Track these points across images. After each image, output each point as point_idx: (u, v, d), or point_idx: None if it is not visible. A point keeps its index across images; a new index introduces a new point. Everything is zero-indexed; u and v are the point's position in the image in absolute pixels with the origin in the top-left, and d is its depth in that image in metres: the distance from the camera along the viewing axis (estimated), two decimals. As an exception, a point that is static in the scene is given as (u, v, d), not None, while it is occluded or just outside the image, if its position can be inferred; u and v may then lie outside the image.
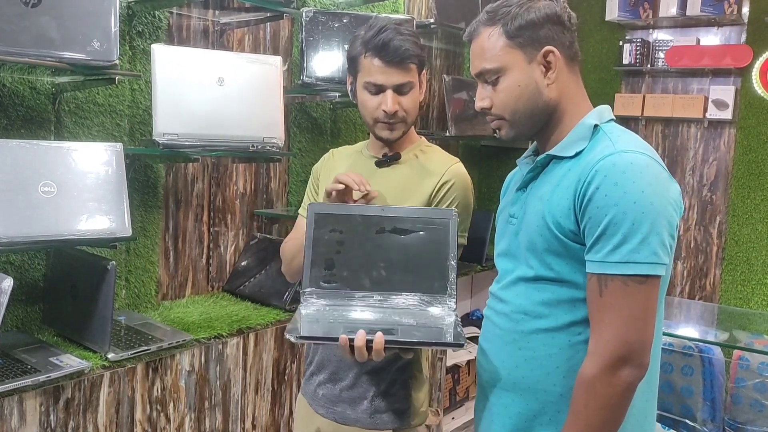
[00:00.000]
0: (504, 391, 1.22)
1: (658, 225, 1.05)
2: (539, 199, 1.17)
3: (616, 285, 1.06)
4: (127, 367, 1.69)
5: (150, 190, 2.09)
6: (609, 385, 1.06)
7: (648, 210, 1.05)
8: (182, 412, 1.83)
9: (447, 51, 3.23)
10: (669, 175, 1.12)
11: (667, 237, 1.07)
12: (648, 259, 1.05)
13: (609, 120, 1.20)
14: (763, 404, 2.11)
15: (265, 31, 2.38)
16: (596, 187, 1.07)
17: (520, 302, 1.19)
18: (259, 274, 2.30)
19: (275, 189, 2.50)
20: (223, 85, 1.89)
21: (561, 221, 1.11)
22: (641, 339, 1.06)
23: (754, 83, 2.99)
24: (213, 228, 2.31)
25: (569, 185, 1.11)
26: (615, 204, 1.05)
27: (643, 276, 1.05)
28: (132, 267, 2.06)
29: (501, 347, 1.22)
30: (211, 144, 1.91)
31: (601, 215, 1.06)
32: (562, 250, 1.12)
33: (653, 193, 1.05)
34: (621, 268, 1.05)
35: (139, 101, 2.01)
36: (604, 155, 1.09)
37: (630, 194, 1.05)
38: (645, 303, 1.06)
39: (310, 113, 2.56)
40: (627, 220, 1.04)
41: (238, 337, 1.95)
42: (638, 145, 1.12)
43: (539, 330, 1.16)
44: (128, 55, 1.96)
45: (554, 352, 1.15)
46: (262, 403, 2.06)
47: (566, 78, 1.18)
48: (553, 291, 1.15)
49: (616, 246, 1.05)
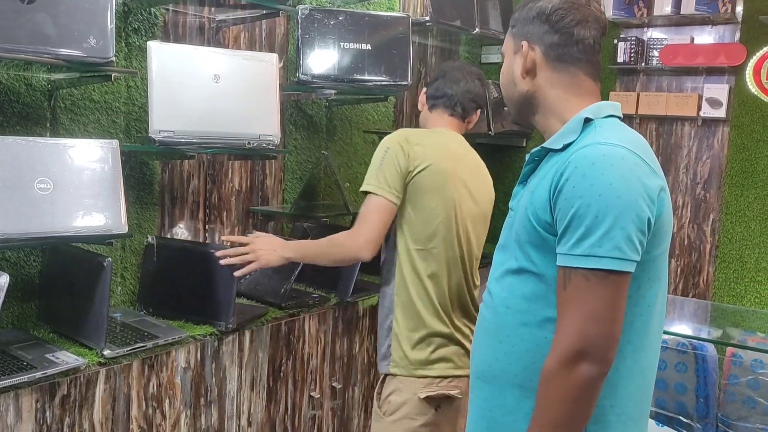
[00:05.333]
0: (485, 383, 1.22)
1: (624, 219, 1.02)
2: (529, 192, 1.18)
3: (579, 279, 1.05)
4: (122, 363, 1.69)
5: (146, 187, 2.09)
6: (566, 379, 1.05)
7: (614, 203, 1.02)
8: (178, 409, 1.83)
9: (442, 48, 3.23)
10: (651, 169, 1.09)
11: (636, 232, 1.04)
12: (610, 253, 1.02)
13: (608, 116, 1.19)
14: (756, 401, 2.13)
15: (261, 28, 2.38)
16: (566, 179, 1.07)
17: (504, 295, 1.20)
18: (255, 271, 2.30)
19: (271, 186, 2.50)
20: (219, 82, 1.89)
21: (539, 213, 1.12)
22: (602, 334, 1.04)
23: (748, 82, 3.01)
24: (208, 225, 2.31)
25: (550, 178, 1.11)
26: (580, 196, 1.04)
27: (605, 271, 1.03)
28: (128, 264, 2.06)
29: (485, 339, 1.23)
30: (206, 141, 1.91)
31: (568, 207, 1.06)
32: (541, 242, 1.12)
33: (622, 186, 1.03)
34: (582, 261, 1.04)
35: (135, 98, 2.01)
36: (580, 147, 1.10)
37: (596, 186, 1.04)
38: (607, 299, 1.04)
39: (306, 111, 2.57)
40: (590, 213, 1.03)
41: (234, 335, 1.96)
42: (621, 139, 1.10)
43: (519, 324, 1.17)
44: (124, 52, 1.96)
45: (531, 348, 1.15)
46: (257, 400, 2.06)
47: (547, 76, 1.21)
48: (533, 285, 1.15)
49: (579, 239, 1.04)
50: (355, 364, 2.41)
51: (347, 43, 2.25)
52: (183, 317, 1.95)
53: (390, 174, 1.78)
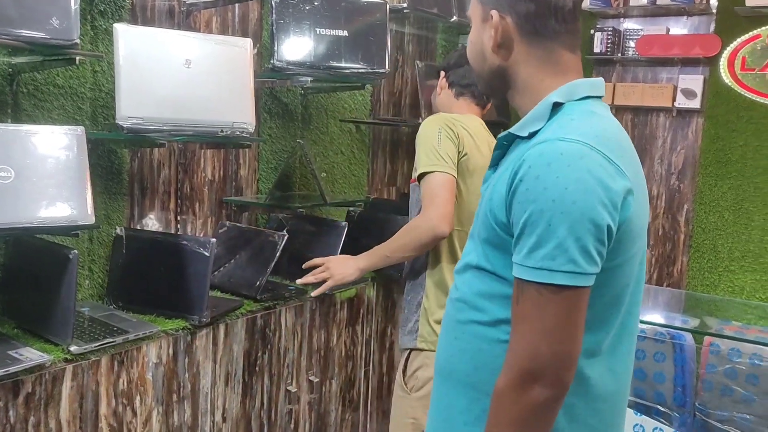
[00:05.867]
0: (441, 379, 1.16)
1: (580, 228, 0.91)
2: (492, 184, 1.08)
3: (531, 293, 0.95)
4: (91, 360, 1.62)
5: (114, 177, 2.01)
6: (516, 402, 0.96)
7: (568, 210, 0.91)
8: (149, 406, 1.77)
9: (420, 36, 3.19)
10: (617, 169, 0.96)
11: (593, 242, 0.93)
12: (564, 267, 0.92)
13: (585, 97, 1.07)
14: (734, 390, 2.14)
15: (234, 12, 2.31)
16: (520, 179, 0.96)
17: (463, 290, 1.12)
18: (229, 263, 2.25)
19: (245, 176, 2.44)
20: (191, 67, 1.82)
21: (496, 212, 1.02)
22: (556, 354, 0.94)
23: (722, 73, 3.02)
24: (180, 216, 2.24)
25: (509, 173, 1.00)
26: (533, 200, 0.94)
27: (558, 286, 0.93)
28: (95, 256, 1.99)
29: (444, 334, 1.17)
30: (178, 129, 1.84)
31: (521, 212, 0.96)
32: (498, 241, 1.03)
33: (579, 190, 0.92)
34: (534, 274, 0.94)
35: (101, 84, 1.93)
36: (538, 142, 0.99)
37: (550, 190, 0.92)
38: (561, 316, 0.94)
39: (281, 99, 2.51)
40: (543, 220, 0.92)
41: (208, 329, 1.90)
42: (586, 132, 0.97)
43: (472, 322, 1.09)
44: (90, 36, 1.88)
45: (484, 348, 1.07)
46: (232, 396, 2.01)
47: (521, 49, 1.08)
48: (489, 284, 1.07)
49: (531, 249, 0.94)
50: (333, 357, 2.37)
51: (323, 29, 2.19)
52: (154, 311, 1.89)
53: (449, 151, 1.84)
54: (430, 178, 1.83)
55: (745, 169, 3.05)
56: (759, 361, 2.08)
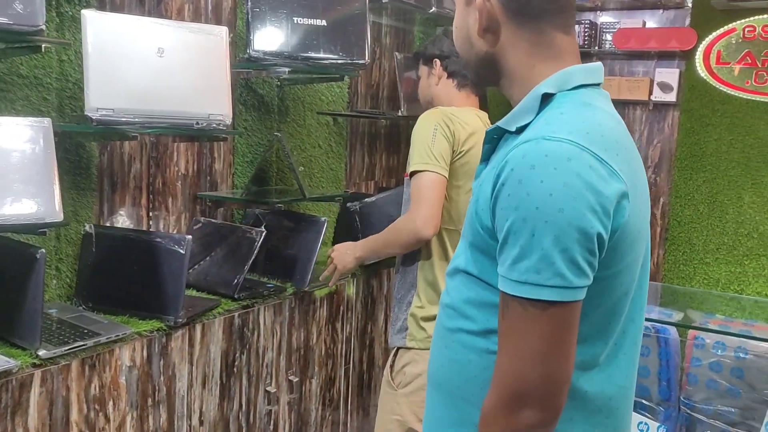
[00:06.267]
0: (433, 389, 1.09)
1: (567, 238, 0.82)
2: (479, 182, 0.99)
3: (516, 308, 0.86)
4: (60, 364, 1.54)
5: (82, 171, 1.92)
6: (505, 426, 0.88)
7: (554, 218, 0.82)
8: (123, 411, 1.69)
9: (397, 28, 3.13)
10: (610, 171, 0.86)
11: (582, 253, 0.84)
12: (550, 281, 0.83)
13: (578, 86, 0.97)
14: (718, 383, 2.14)
15: (207, 0, 2.22)
16: (502, 183, 0.87)
17: (453, 296, 1.04)
18: (204, 260, 2.17)
19: (219, 170, 2.36)
20: (164, 56, 1.74)
21: (482, 215, 0.93)
22: (544, 376, 0.86)
23: (698, 66, 3.03)
24: (152, 212, 2.15)
25: (495, 173, 0.91)
26: (515, 207, 0.85)
27: (545, 302, 0.84)
28: (63, 255, 1.90)
29: (435, 341, 1.09)
30: (150, 121, 1.75)
31: (503, 220, 0.87)
32: (484, 246, 0.95)
33: (566, 196, 0.82)
34: (518, 288, 0.85)
35: (68, 73, 1.83)
36: (522, 141, 0.89)
37: (534, 196, 0.83)
38: (549, 334, 0.85)
39: (256, 90, 2.43)
40: (526, 230, 0.84)
41: (184, 329, 1.82)
42: (576, 129, 0.88)
43: (461, 330, 1.01)
44: (55, 23, 1.78)
45: (473, 359, 0.99)
46: (209, 398, 1.94)
47: (508, 33, 0.98)
48: (476, 290, 0.99)
49: (515, 261, 0.85)
50: (313, 356, 2.31)
51: (301, 19, 2.12)
52: (127, 312, 1.81)
53: (442, 150, 1.80)
54: (419, 177, 1.80)
55: (720, 163, 3.07)
56: (744, 354, 2.08)
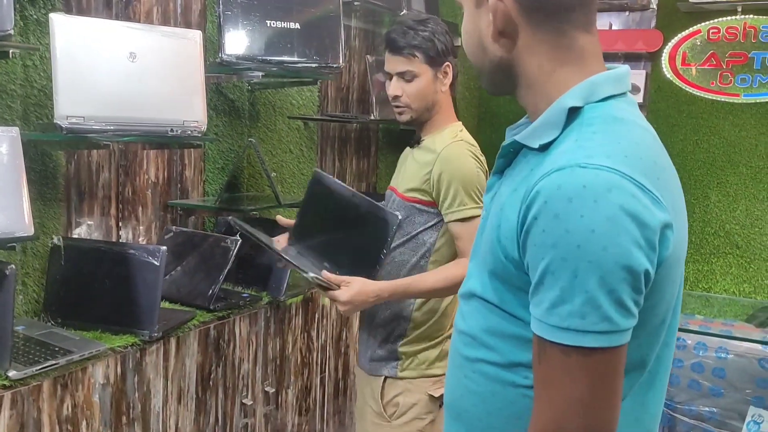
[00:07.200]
0: (452, 418, 1.02)
1: (614, 279, 0.75)
2: (499, 203, 0.91)
3: (556, 355, 0.78)
4: (31, 385, 1.47)
5: (48, 181, 1.84)
6: None
7: (598, 258, 0.74)
8: (97, 430, 1.63)
9: (366, 31, 3.10)
10: (653, 198, 0.78)
11: (629, 293, 0.76)
12: (596, 326, 0.75)
13: (607, 97, 0.87)
14: (701, 384, 2.17)
15: (176, 3, 2.16)
16: (534, 217, 0.79)
17: (471, 323, 0.97)
18: (175, 270, 2.10)
19: (190, 177, 2.29)
20: (136, 61, 1.68)
21: (506, 244, 0.85)
22: (590, 427, 0.79)
23: (664, 68, 3.08)
24: (122, 222, 2.08)
25: (519, 197, 0.83)
26: (553, 245, 0.76)
27: (591, 348, 0.76)
28: (30, 269, 1.81)
29: (453, 370, 1.02)
30: (122, 128, 1.69)
31: (538, 257, 0.79)
32: (508, 277, 0.87)
33: (611, 232, 0.74)
34: (558, 335, 0.77)
35: (33, 80, 1.75)
36: (554, 168, 0.79)
37: (574, 234, 0.75)
38: (593, 382, 0.78)
39: (227, 95, 2.37)
40: (566, 271, 0.75)
41: (158, 343, 1.76)
42: (612, 152, 0.79)
43: (483, 361, 0.94)
44: (20, 27, 1.70)
45: (497, 391, 0.92)
46: (185, 413, 1.88)
47: (526, 35, 0.89)
48: (497, 321, 0.91)
49: (554, 304, 0.77)
50: (288, 365, 2.26)
51: (274, 21, 2.08)
52: (98, 327, 1.74)
53: (483, 187, 1.70)
54: (475, 223, 1.64)
55: (686, 163, 3.13)
56: (725, 354, 2.11)
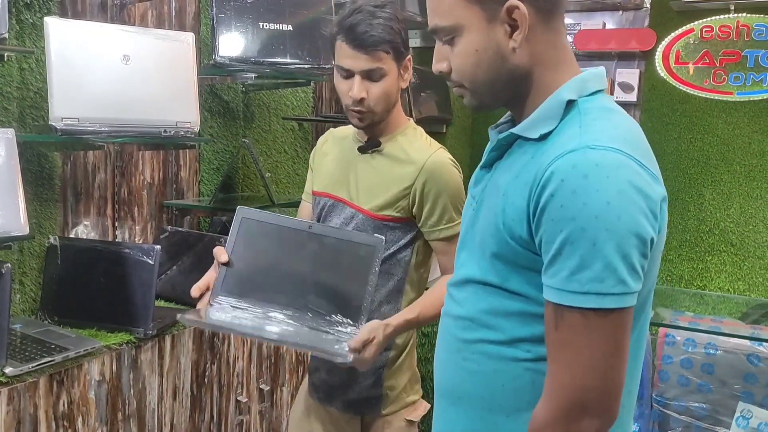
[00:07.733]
0: (449, 404, 1.07)
1: (627, 245, 0.84)
2: (497, 190, 0.97)
3: (575, 319, 0.86)
4: (27, 381, 1.50)
5: (44, 182, 1.87)
6: None
7: (614, 226, 0.83)
8: (93, 427, 1.66)
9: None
10: (651, 175, 0.89)
11: (638, 258, 0.86)
12: (614, 289, 0.84)
13: (595, 92, 0.96)
14: (690, 380, 2.19)
15: (171, 6, 2.19)
16: (551, 194, 0.86)
17: (468, 307, 1.02)
18: (171, 270, 2.13)
19: (186, 178, 2.32)
20: (130, 63, 1.71)
21: (513, 225, 0.92)
22: (605, 384, 0.87)
23: (658, 66, 3.10)
24: (118, 222, 2.11)
25: (526, 182, 0.91)
26: (572, 218, 0.84)
27: (608, 309, 0.85)
28: (27, 268, 1.84)
29: (448, 355, 1.07)
30: (117, 129, 1.72)
31: (555, 231, 0.86)
32: (513, 257, 0.94)
33: (623, 203, 0.84)
34: (579, 299, 0.85)
35: (29, 82, 1.78)
36: (565, 150, 0.87)
37: (591, 206, 0.83)
38: (611, 341, 0.86)
39: (222, 96, 2.40)
40: (586, 240, 0.83)
41: (153, 341, 1.79)
42: (614, 136, 0.88)
43: (483, 341, 1.00)
44: (15, 30, 1.73)
45: (500, 368, 0.98)
46: (181, 410, 1.91)
47: (540, 38, 0.94)
48: (500, 300, 0.97)
49: (574, 271, 0.85)
50: (283, 363, 2.29)
51: (267, 23, 2.10)
52: (94, 325, 1.77)
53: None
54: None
55: (680, 161, 3.14)
56: (714, 350, 2.13)
